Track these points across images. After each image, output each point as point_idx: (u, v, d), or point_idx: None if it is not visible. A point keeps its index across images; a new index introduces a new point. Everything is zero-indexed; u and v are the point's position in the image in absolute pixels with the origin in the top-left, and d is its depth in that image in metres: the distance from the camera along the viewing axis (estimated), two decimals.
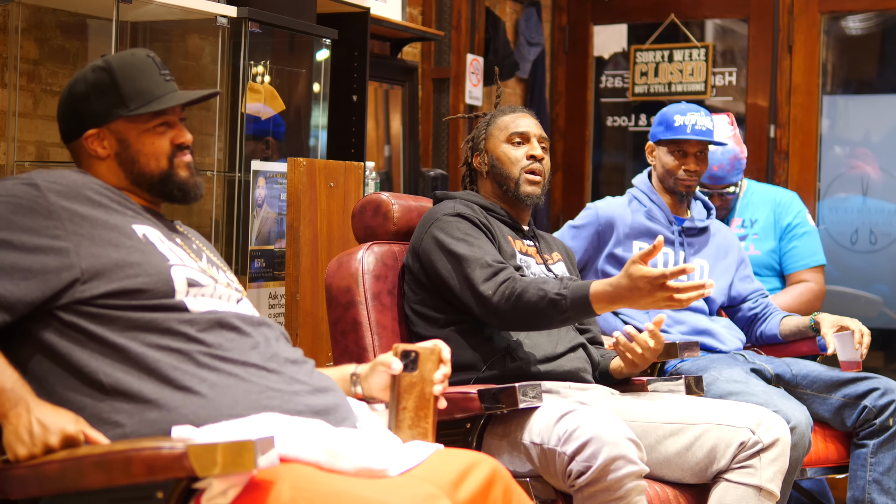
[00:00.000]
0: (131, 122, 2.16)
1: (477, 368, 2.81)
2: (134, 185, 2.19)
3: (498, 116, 3.07)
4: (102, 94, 2.15)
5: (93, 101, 2.15)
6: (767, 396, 3.19)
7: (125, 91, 2.15)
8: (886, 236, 5.46)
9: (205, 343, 2.02)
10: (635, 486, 2.49)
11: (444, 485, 1.96)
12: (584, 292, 2.63)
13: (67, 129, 2.20)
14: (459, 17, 5.23)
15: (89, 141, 2.16)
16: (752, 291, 3.81)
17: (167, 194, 2.21)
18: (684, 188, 3.68)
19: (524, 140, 3.02)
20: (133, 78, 2.16)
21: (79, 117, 2.17)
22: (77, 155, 2.21)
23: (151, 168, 2.18)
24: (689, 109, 3.68)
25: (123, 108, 2.15)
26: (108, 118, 2.15)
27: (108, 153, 2.17)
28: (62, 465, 1.81)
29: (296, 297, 3.46)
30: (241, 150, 3.60)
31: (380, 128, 5.05)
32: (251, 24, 3.54)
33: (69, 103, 2.18)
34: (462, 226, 2.86)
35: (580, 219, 3.74)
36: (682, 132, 3.63)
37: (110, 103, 2.15)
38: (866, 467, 3.41)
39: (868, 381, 3.44)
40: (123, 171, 2.18)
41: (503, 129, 3.04)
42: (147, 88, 2.17)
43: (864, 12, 5.65)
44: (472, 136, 3.12)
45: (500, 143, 3.03)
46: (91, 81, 2.16)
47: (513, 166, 3.00)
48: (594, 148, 6.08)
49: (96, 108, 2.15)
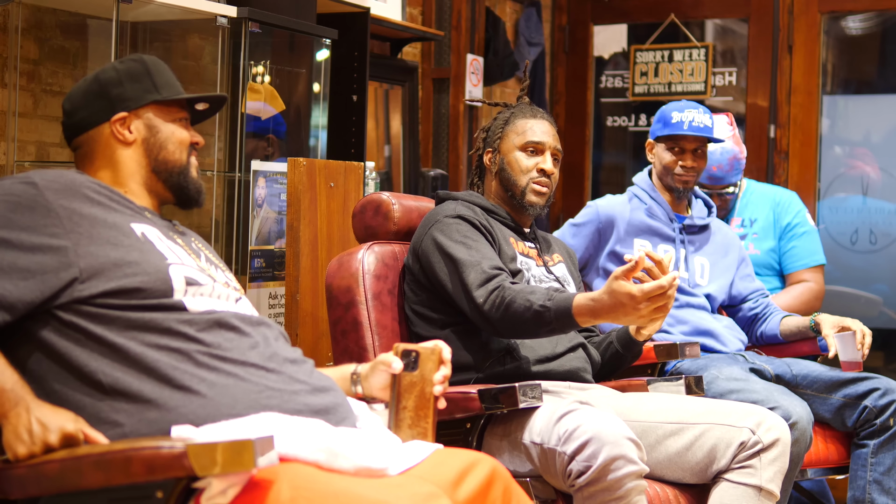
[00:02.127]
0: (163, 108, 2.23)
1: (477, 368, 2.81)
2: (153, 172, 2.22)
3: (518, 117, 3.04)
4: (136, 80, 2.21)
5: (126, 85, 2.21)
6: (768, 393, 3.19)
7: (158, 80, 2.23)
8: (886, 236, 5.46)
9: (204, 343, 2.03)
10: (635, 485, 2.49)
11: (444, 484, 1.97)
12: (567, 305, 2.60)
13: (89, 115, 2.21)
14: (459, 17, 5.23)
15: (116, 125, 2.20)
16: (752, 291, 3.81)
17: (182, 187, 2.25)
18: (682, 184, 3.68)
19: (538, 151, 3.01)
20: (163, 72, 2.26)
21: (109, 100, 2.20)
22: (92, 145, 2.21)
23: (175, 158, 2.23)
24: (687, 107, 3.68)
25: (156, 94, 2.22)
26: (140, 102, 2.21)
27: (135, 138, 2.21)
28: (62, 465, 1.82)
29: (296, 297, 3.46)
30: (241, 150, 3.60)
31: (380, 128, 5.05)
32: (251, 24, 3.54)
33: (96, 89, 2.21)
34: (462, 228, 2.86)
35: (581, 217, 3.74)
36: (679, 128, 3.64)
37: (144, 88, 2.22)
38: (867, 467, 3.41)
39: (868, 381, 3.44)
40: (147, 158, 2.21)
41: (520, 133, 3.01)
42: (174, 83, 2.26)
43: (864, 12, 5.65)
44: (489, 128, 3.09)
45: (513, 147, 3.01)
46: (122, 69, 2.22)
47: (521, 175, 2.99)
48: (594, 148, 6.08)
49: (129, 92, 2.20)
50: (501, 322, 2.69)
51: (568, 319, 2.61)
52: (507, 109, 3.10)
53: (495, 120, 3.09)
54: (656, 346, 3.39)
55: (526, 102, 3.13)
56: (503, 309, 2.68)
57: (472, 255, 2.79)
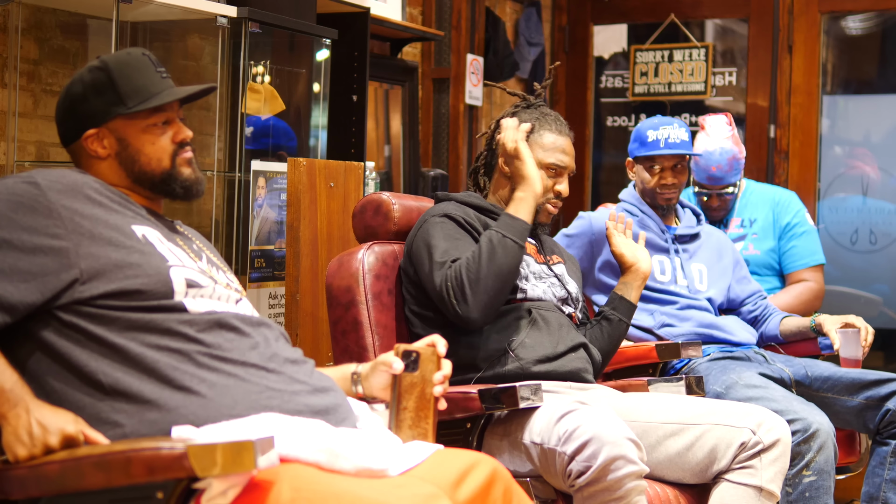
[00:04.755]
0: (130, 120, 2.16)
1: (477, 368, 2.81)
2: (135, 183, 2.19)
3: (545, 129, 3.00)
4: (100, 93, 2.14)
5: (91, 100, 2.15)
6: (787, 402, 3.18)
7: (122, 89, 2.14)
8: (886, 236, 5.46)
9: (204, 343, 2.02)
10: (635, 486, 2.49)
11: (445, 485, 1.96)
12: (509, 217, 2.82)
13: (66, 131, 2.19)
14: (459, 17, 5.23)
15: (89, 141, 2.16)
16: (750, 294, 3.81)
17: (169, 192, 2.21)
18: (664, 202, 3.71)
19: (558, 174, 3.00)
20: (130, 76, 2.15)
21: (77, 118, 2.16)
22: (77, 157, 2.20)
23: (153, 167, 2.18)
24: (661, 123, 3.69)
25: (121, 106, 2.14)
26: (106, 117, 2.15)
27: (108, 153, 2.17)
28: (62, 466, 1.81)
29: (296, 297, 3.46)
30: (241, 150, 3.60)
31: (380, 128, 5.05)
32: (251, 24, 3.54)
33: (67, 105, 2.18)
34: (446, 226, 2.86)
35: (573, 228, 3.74)
36: (655, 148, 3.66)
37: (108, 102, 2.14)
38: (884, 465, 3.39)
39: (890, 383, 3.42)
40: (124, 170, 2.18)
41: (547, 150, 2.98)
42: (144, 86, 2.16)
43: (864, 12, 5.65)
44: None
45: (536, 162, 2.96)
46: (88, 81, 2.15)
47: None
48: (594, 148, 6.08)
49: (94, 108, 2.15)
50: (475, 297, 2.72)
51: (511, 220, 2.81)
52: (530, 111, 3.03)
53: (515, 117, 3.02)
54: (658, 345, 3.39)
55: (543, 99, 3.11)
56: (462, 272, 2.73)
57: (447, 249, 2.79)
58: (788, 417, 3.06)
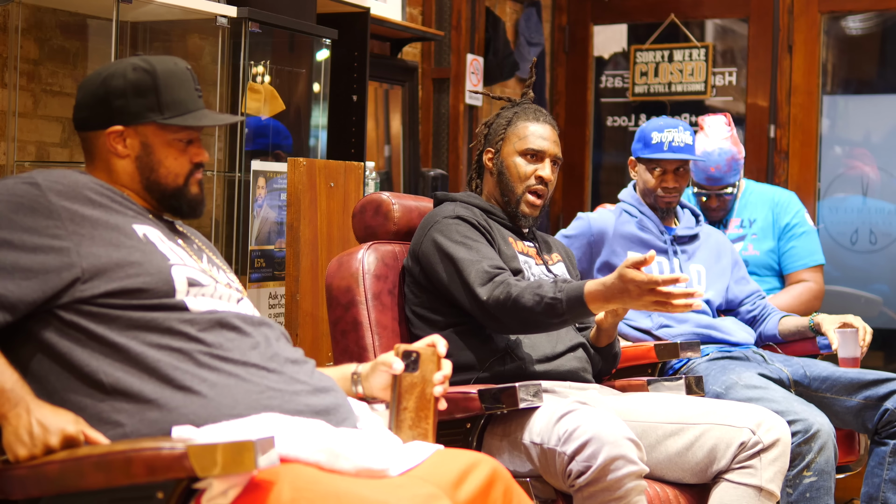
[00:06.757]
0: (161, 130, 2.16)
1: (477, 369, 2.82)
2: (145, 190, 2.18)
3: (521, 119, 3.02)
4: (141, 94, 2.14)
5: (129, 98, 2.14)
6: (788, 403, 3.18)
7: (164, 98, 2.15)
8: (886, 236, 5.46)
9: (205, 343, 2.02)
10: (635, 485, 2.49)
11: (445, 485, 1.97)
12: (580, 293, 2.64)
13: (91, 118, 2.17)
14: (459, 17, 5.23)
15: (111, 136, 2.15)
16: (748, 294, 3.81)
17: (175, 208, 2.21)
18: (664, 204, 3.71)
19: (538, 159, 3.01)
20: (173, 87, 2.16)
21: (109, 110, 2.14)
22: (90, 145, 2.19)
23: (168, 181, 2.18)
24: (667, 126, 3.68)
25: (158, 114, 2.14)
26: (139, 119, 2.14)
27: (128, 153, 2.16)
28: (62, 466, 1.81)
29: (296, 297, 3.46)
30: (241, 150, 3.61)
31: (380, 128, 5.05)
32: (251, 24, 3.54)
33: (101, 94, 2.15)
34: (461, 228, 2.86)
35: (572, 229, 3.74)
36: (658, 150, 3.66)
37: (146, 106, 2.14)
38: (884, 466, 3.39)
39: (889, 383, 3.42)
40: (139, 175, 2.17)
41: (522, 138, 3.00)
42: (183, 100, 2.17)
43: (864, 12, 5.65)
44: (491, 124, 3.07)
45: (513, 152, 2.99)
46: (131, 80, 2.14)
47: (519, 183, 2.98)
48: (594, 148, 6.08)
49: (131, 107, 2.14)
50: (508, 317, 2.70)
51: (580, 307, 2.64)
52: (511, 108, 3.08)
53: (498, 117, 3.07)
54: (656, 345, 3.39)
55: (530, 98, 3.12)
56: (511, 304, 2.68)
57: (472, 255, 2.79)
58: (789, 418, 3.06)
